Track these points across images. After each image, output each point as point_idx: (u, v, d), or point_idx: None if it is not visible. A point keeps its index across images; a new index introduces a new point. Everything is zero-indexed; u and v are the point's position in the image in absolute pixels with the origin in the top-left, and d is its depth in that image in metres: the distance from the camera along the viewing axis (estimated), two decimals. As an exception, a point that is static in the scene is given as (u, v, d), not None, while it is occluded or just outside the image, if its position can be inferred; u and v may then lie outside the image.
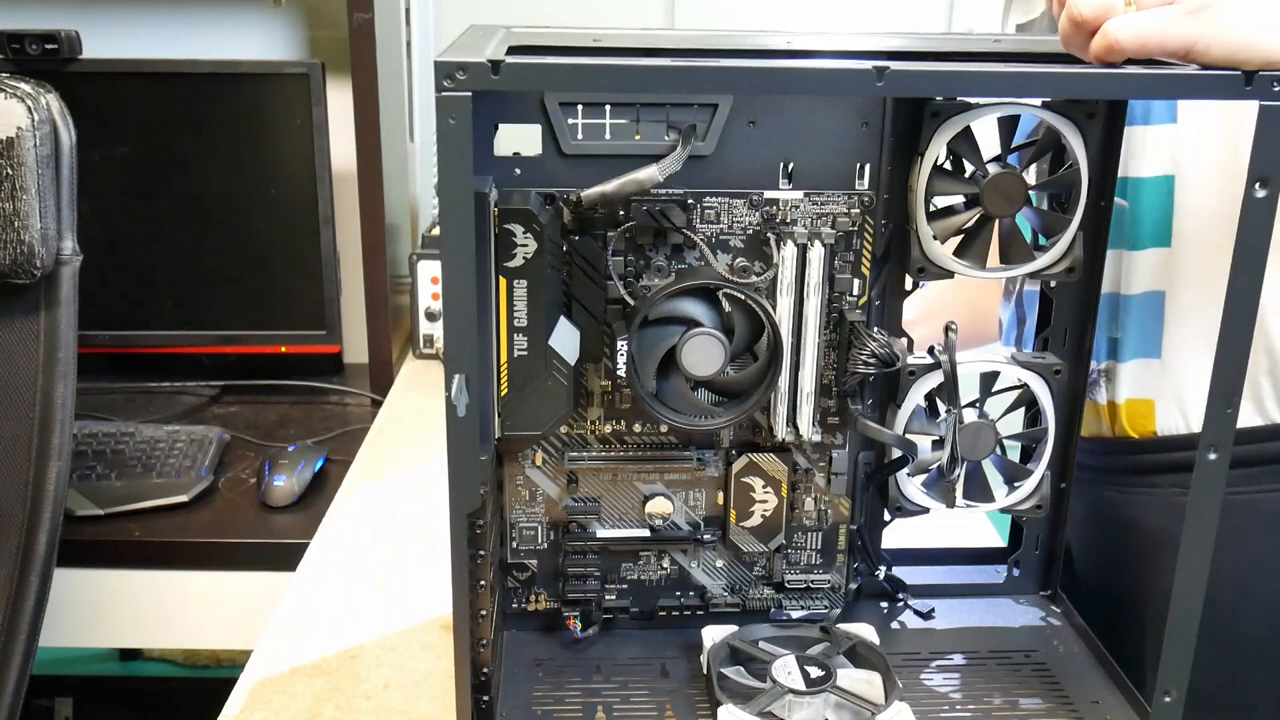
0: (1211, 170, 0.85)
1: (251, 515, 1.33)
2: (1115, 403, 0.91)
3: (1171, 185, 0.86)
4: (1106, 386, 0.92)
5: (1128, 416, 0.91)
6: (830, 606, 0.85)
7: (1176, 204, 0.87)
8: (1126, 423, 0.91)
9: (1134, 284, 0.89)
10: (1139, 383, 0.90)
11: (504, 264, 0.71)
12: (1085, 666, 0.81)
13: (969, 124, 0.71)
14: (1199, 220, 0.86)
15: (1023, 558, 0.89)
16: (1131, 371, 0.91)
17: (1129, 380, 0.91)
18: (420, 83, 1.73)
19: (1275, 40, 0.60)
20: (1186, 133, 0.85)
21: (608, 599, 0.83)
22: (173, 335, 1.62)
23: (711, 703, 0.74)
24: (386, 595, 1.05)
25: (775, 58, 0.63)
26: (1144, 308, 0.89)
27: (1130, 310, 0.89)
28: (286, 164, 1.55)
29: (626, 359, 0.72)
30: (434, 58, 0.58)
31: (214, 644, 1.65)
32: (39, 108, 1.05)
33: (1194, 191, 0.86)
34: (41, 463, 1.09)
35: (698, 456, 0.81)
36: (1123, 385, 0.91)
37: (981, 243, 0.74)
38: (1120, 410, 0.91)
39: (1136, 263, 0.88)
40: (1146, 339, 0.90)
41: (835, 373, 0.79)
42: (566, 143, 0.74)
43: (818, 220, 0.76)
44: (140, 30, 1.64)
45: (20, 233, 1.05)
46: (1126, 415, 0.91)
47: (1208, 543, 0.68)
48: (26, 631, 1.09)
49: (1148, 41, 0.60)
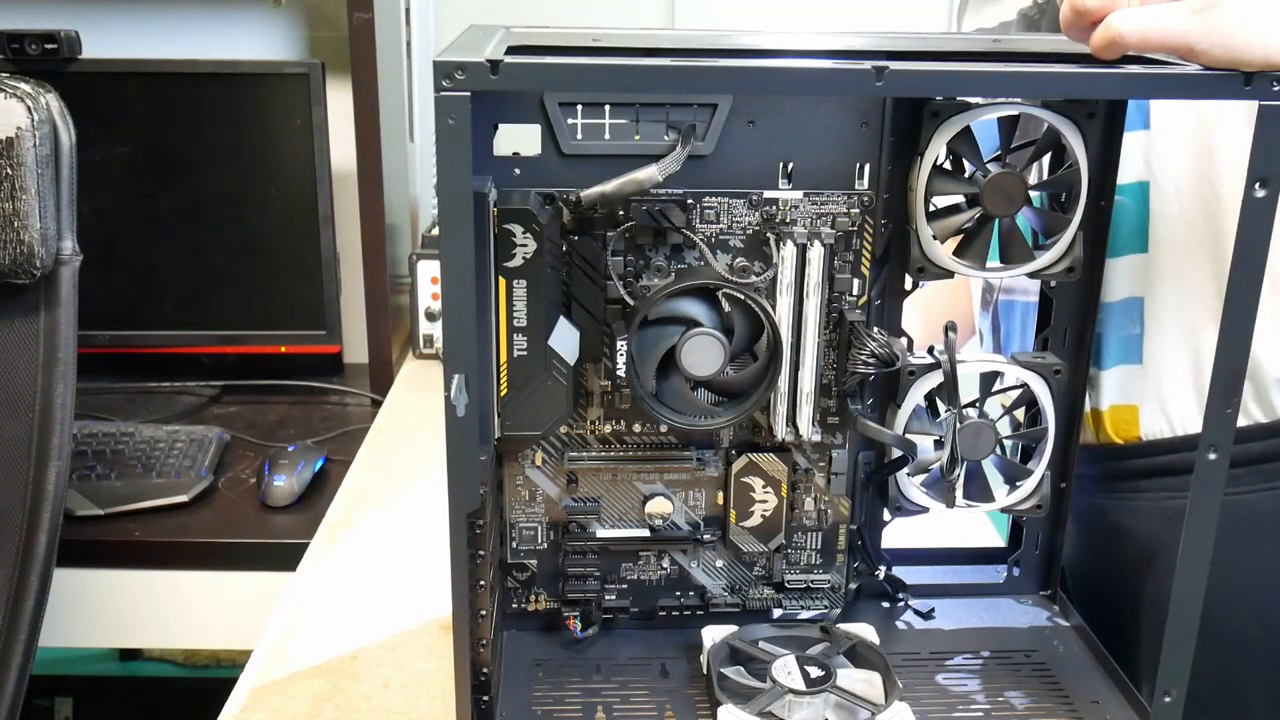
0: (1186, 175, 0.85)
1: (251, 515, 1.33)
2: (1099, 409, 0.92)
3: (1147, 191, 0.86)
4: (1090, 394, 0.92)
5: (1112, 423, 0.91)
6: (830, 606, 0.85)
7: (1152, 210, 0.86)
8: (1111, 429, 0.91)
9: (1113, 291, 0.88)
10: (1122, 389, 0.91)
11: (503, 264, 0.71)
12: (1085, 666, 0.81)
13: (969, 124, 0.71)
14: (1175, 225, 0.86)
15: (1023, 558, 0.89)
16: (1114, 378, 0.91)
17: (1112, 387, 0.91)
18: (420, 83, 1.73)
19: (1277, 41, 0.60)
20: (1160, 139, 0.85)
21: (608, 599, 0.83)
22: (173, 335, 1.63)
23: (711, 703, 0.74)
24: (386, 595, 1.05)
25: (775, 58, 0.63)
26: (1124, 314, 0.89)
27: (1110, 317, 0.89)
28: (286, 164, 1.55)
29: (626, 359, 0.72)
30: (434, 58, 0.58)
31: (214, 644, 1.65)
32: (39, 108, 1.05)
33: (1169, 197, 0.86)
34: (41, 463, 1.09)
35: (698, 456, 0.81)
36: (1106, 392, 0.91)
37: (981, 243, 0.74)
38: (1104, 417, 0.91)
39: (1114, 269, 0.88)
40: (1127, 345, 0.90)
41: (835, 373, 0.79)
42: (566, 143, 0.73)
43: (817, 220, 0.76)
44: (140, 30, 1.64)
45: (20, 233, 1.05)
46: (1111, 422, 0.91)
47: (1207, 543, 0.68)
48: (26, 631, 1.09)
49: (1150, 37, 0.60)
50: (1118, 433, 0.91)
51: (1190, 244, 0.85)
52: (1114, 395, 0.91)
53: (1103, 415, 0.91)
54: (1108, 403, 0.91)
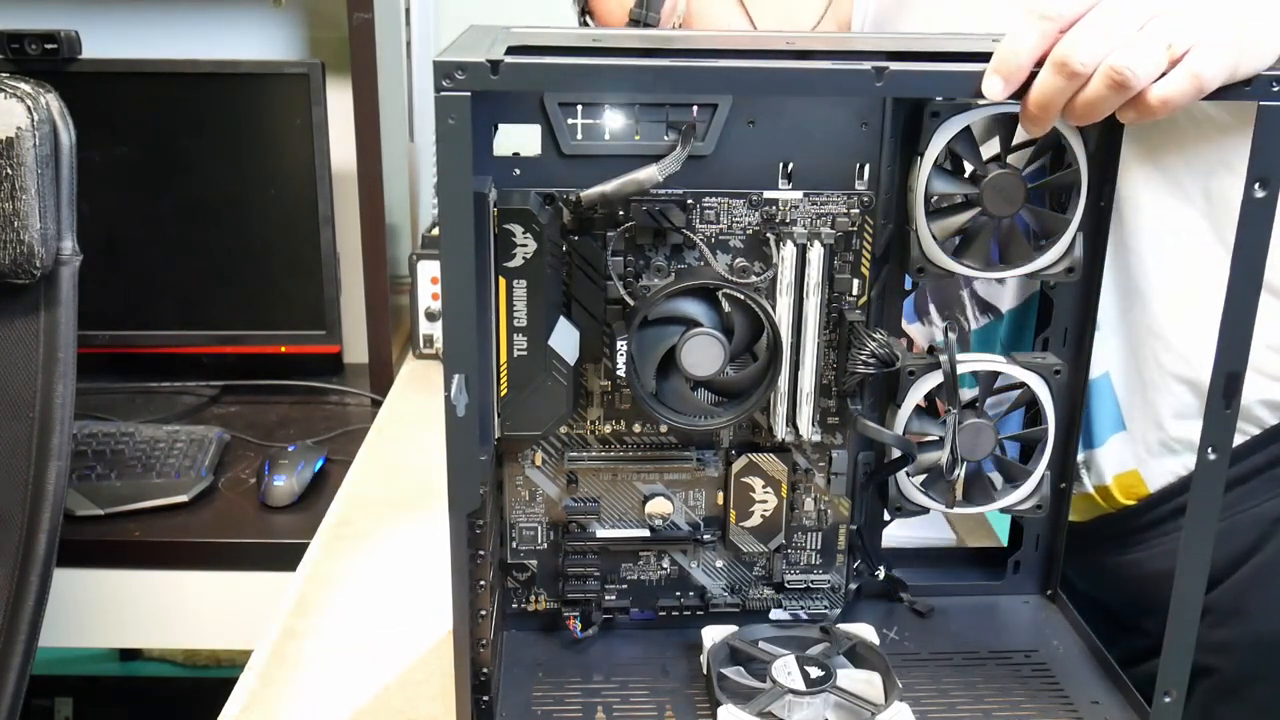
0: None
1: (251, 515, 1.33)
2: (1104, 485, 0.92)
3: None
4: (1089, 475, 0.93)
5: (1119, 490, 0.92)
6: (830, 606, 0.85)
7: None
8: (1120, 496, 0.92)
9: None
10: (1118, 458, 0.92)
11: (504, 264, 0.71)
12: (1085, 666, 0.81)
13: (969, 124, 0.71)
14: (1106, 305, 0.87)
15: (1023, 558, 0.89)
16: (1108, 451, 0.92)
17: (1109, 460, 0.92)
18: (420, 83, 1.73)
19: (1262, 53, 0.61)
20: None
21: (608, 599, 0.83)
22: (173, 335, 1.62)
23: (711, 703, 0.74)
24: (386, 595, 1.05)
25: (775, 58, 0.63)
26: (1098, 392, 0.90)
27: (1090, 399, 0.90)
28: (286, 164, 1.55)
29: (626, 359, 0.72)
30: (434, 58, 0.58)
31: (214, 644, 1.65)
32: (39, 108, 1.05)
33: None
34: (41, 463, 1.09)
35: (697, 456, 0.81)
36: (1105, 466, 0.92)
37: (981, 243, 0.74)
38: (1110, 489, 0.92)
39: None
40: (1110, 417, 0.91)
41: (835, 373, 0.79)
42: (566, 143, 0.73)
43: (817, 220, 0.76)
44: (140, 30, 1.64)
45: (20, 233, 1.05)
46: (1118, 489, 0.92)
47: (1207, 543, 0.68)
48: (26, 631, 1.09)
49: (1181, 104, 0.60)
50: (1127, 496, 0.92)
51: (1132, 318, 0.88)
52: (1113, 467, 0.92)
53: (1108, 488, 0.92)
54: (1110, 475, 0.92)
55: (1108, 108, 0.60)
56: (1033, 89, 0.61)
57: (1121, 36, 0.59)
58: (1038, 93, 0.61)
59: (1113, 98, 0.60)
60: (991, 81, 0.61)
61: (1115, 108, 0.60)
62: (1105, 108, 0.60)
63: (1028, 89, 0.61)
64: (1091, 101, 0.60)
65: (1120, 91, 0.59)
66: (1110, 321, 0.88)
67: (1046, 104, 0.61)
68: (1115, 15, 0.59)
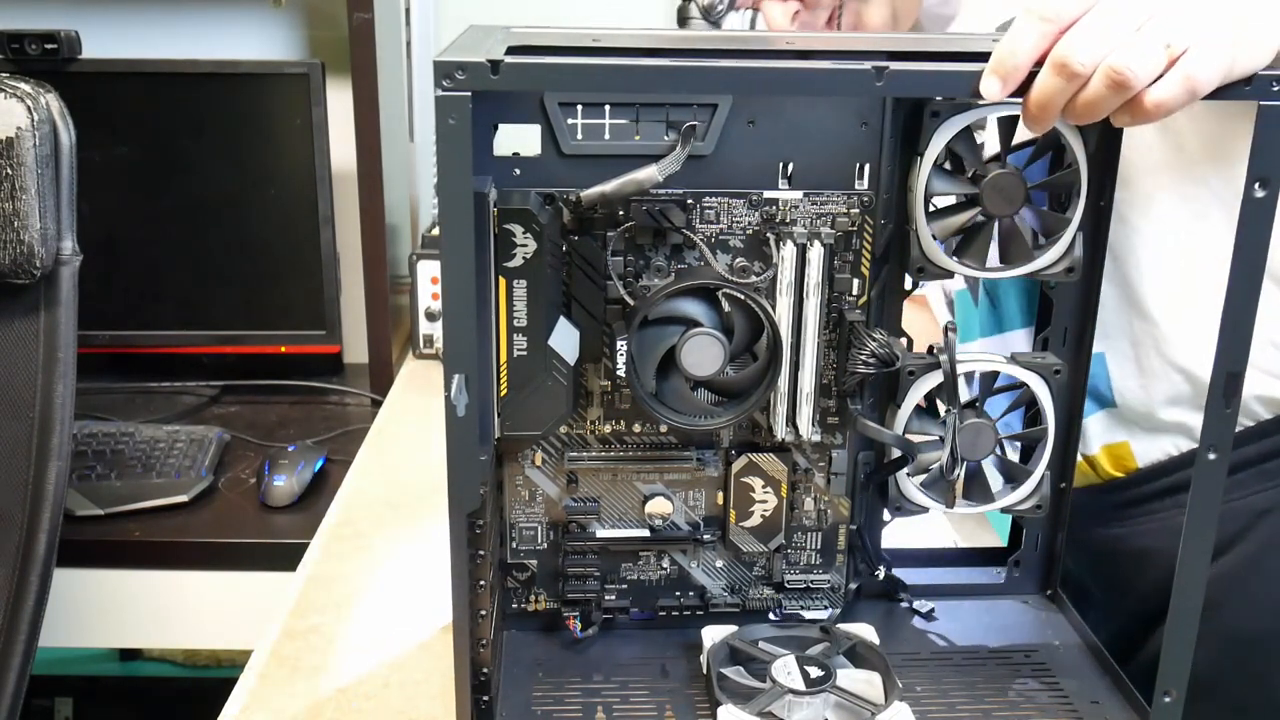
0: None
1: (251, 515, 1.33)
2: (1090, 454, 0.93)
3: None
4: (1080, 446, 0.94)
5: (1108, 460, 0.93)
6: (830, 606, 0.85)
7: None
8: (1109, 465, 0.93)
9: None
10: (1107, 430, 0.93)
11: (504, 264, 0.71)
12: (1085, 666, 0.81)
13: (969, 124, 0.71)
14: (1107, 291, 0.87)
15: (1023, 558, 0.89)
16: (1097, 424, 0.93)
17: (1098, 431, 0.93)
18: (420, 83, 1.73)
19: (1260, 52, 0.61)
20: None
21: (608, 599, 0.83)
22: (173, 335, 1.62)
23: (711, 703, 0.74)
24: (386, 595, 1.05)
25: (775, 58, 0.63)
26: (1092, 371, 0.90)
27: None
28: (286, 164, 1.55)
29: (626, 359, 0.72)
30: (434, 58, 0.58)
31: (214, 644, 1.65)
32: (39, 108, 1.05)
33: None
34: (41, 463, 1.09)
35: (697, 456, 0.81)
36: (1093, 438, 0.93)
37: (981, 243, 0.74)
38: (1098, 459, 0.93)
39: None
40: (1100, 395, 0.92)
41: (835, 373, 0.79)
42: (566, 143, 0.73)
43: (817, 220, 0.76)
44: (140, 30, 1.64)
45: (20, 233, 1.05)
46: (1107, 460, 0.93)
47: (1207, 543, 0.68)
48: (26, 631, 1.09)
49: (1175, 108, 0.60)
50: (1115, 467, 0.93)
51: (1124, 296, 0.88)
52: (1102, 437, 0.93)
53: (1096, 458, 0.93)
54: (1098, 445, 0.93)
55: (1108, 108, 0.61)
56: (1033, 89, 0.61)
57: (1120, 37, 0.59)
58: (1038, 93, 0.61)
59: (1112, 98, 0.60)
60: (989, 82, 0.61)
61: (1115, 107, 0.61)
62: (1105, 108, 0.61)
63: (1028, 89, 0.61)
64: (1092, 102, 0.60)
65: (1120, 91, 0.59)
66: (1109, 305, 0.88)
67: (1046, 104, 0.61)
68: (1113, 16, 0.60)
